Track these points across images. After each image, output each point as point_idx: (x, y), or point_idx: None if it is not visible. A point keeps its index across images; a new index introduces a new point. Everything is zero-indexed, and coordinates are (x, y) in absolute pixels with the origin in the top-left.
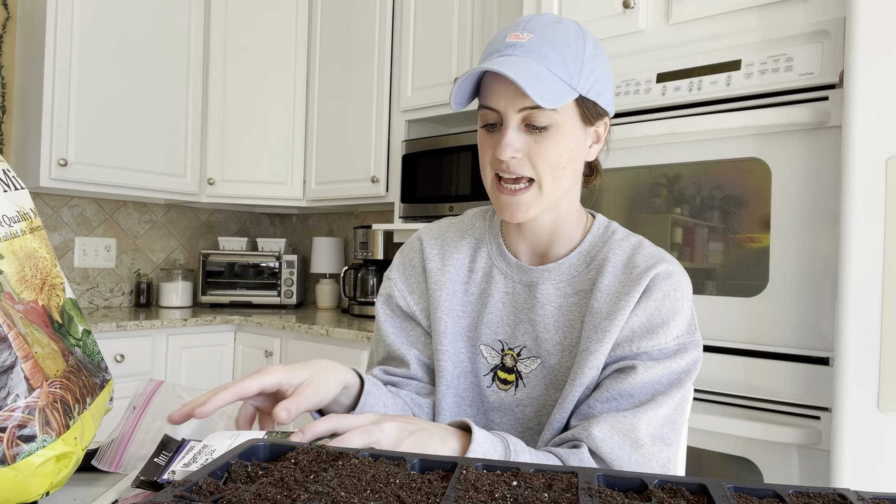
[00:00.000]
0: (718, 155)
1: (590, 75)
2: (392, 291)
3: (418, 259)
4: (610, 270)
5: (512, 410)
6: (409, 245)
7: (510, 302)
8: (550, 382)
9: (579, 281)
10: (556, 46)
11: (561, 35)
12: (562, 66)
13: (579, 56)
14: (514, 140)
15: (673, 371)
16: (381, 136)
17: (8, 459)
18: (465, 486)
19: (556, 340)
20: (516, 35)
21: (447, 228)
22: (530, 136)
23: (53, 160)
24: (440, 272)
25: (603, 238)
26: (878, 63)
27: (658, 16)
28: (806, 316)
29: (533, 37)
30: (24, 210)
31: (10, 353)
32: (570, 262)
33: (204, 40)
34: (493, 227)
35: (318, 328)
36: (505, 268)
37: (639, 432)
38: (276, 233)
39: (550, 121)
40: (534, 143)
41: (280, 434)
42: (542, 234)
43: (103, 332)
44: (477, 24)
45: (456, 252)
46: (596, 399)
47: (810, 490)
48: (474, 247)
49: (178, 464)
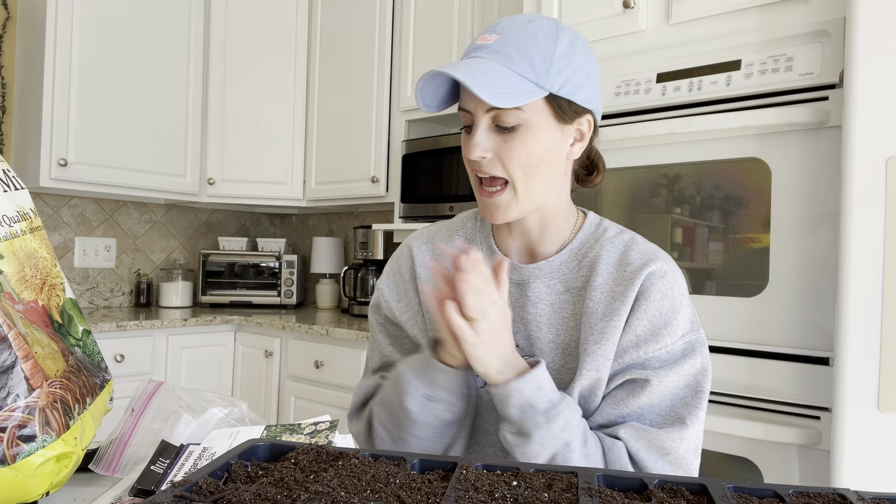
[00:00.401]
0: (718, 155)
1: (560, 73)
2: (380, 301)
3: (407, 266)
4: (603, 268)
5: None
6: (398, 252)
7: None
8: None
9: (571, 279)
10: (522, 45)
11: (529, 34)
12: (526, 65)
13: (548, 54)
14: (482, 140)
15: (689, 374)
16: (381, 136)
17: (8, 459)
18: (465, 486)
19: (549, 339)
20: (484, 38)
21: (437, 231)
22: (499, 136)
23: (53, 160)
24: (431, 276)
25: (594, 235)
26: (878, 63)
27: (658, 16)
28: (806, 316)
29: (499, 38)
30: (24, 210)
31: (10, 353)
32: (561, 259)
33: (204, 40)
34: (483, 228)
35: (318, 328)
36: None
37: (676, 451)
38: (276, 233)
39: (519, 120)
40: (503, 143)
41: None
42: (531, 233)
43: (103, 332)
44: (477, 25)
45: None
46: (617, 415)
47: (810, 490)
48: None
49: (179, 473)
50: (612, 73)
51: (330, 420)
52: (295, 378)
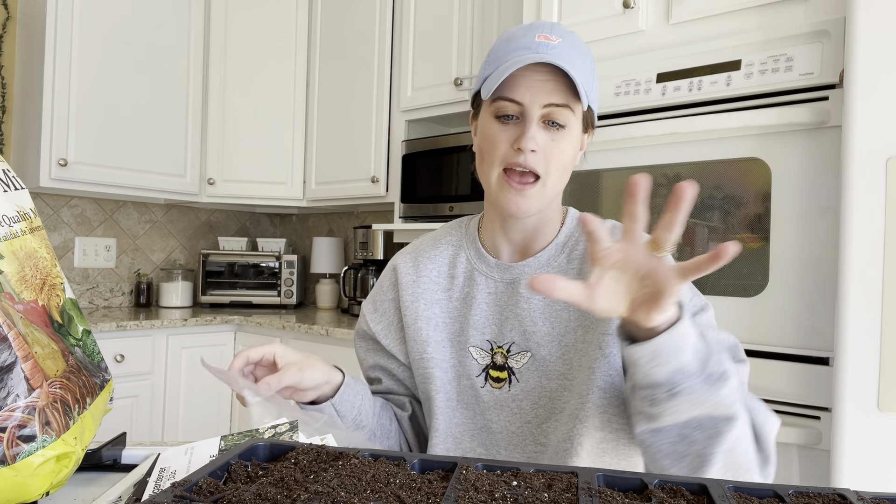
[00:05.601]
0: (718, 155)
1: (594, 87)
2: (363, 326)
3: (388, 284)
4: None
5: (508, 407)
6: (383, 273)
7: (494, 301)
8: (543, 374)
9: (561, 272)
10: (580, 55)
11: (583, 48)
12: (584, 75)
13: (592, 67)
14: (536, 134)
15: (710, 323)
16: (381, 136)
17: (8, 459)
18: (465, 486)
19: (545, 332)
20: (545, 36)
21: (421, 243)
22: (548, 132)
23: (53, 160)
24: (415, 284)
25: (578, 229)
26: (878, 63)
27: (658, 16)
28: (806, 316)
29: (562, 41)
30: (24, 210)
31: (10, 353)
32: (549, 254)
33: (204, 40)
34: (469, 234)
35: (318, 328)
36: (485, 269)
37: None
38: (276, 233)
39: (567, 121)
40: (550, 141)
41: (264, 431)
42: (528, 231)
43: (103, 332)
44: (477, 25)
45: (431, 262)
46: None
47: (810, 490)
48: (452, 254)
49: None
50: (612, 73)
51: (289, 422)
52: None
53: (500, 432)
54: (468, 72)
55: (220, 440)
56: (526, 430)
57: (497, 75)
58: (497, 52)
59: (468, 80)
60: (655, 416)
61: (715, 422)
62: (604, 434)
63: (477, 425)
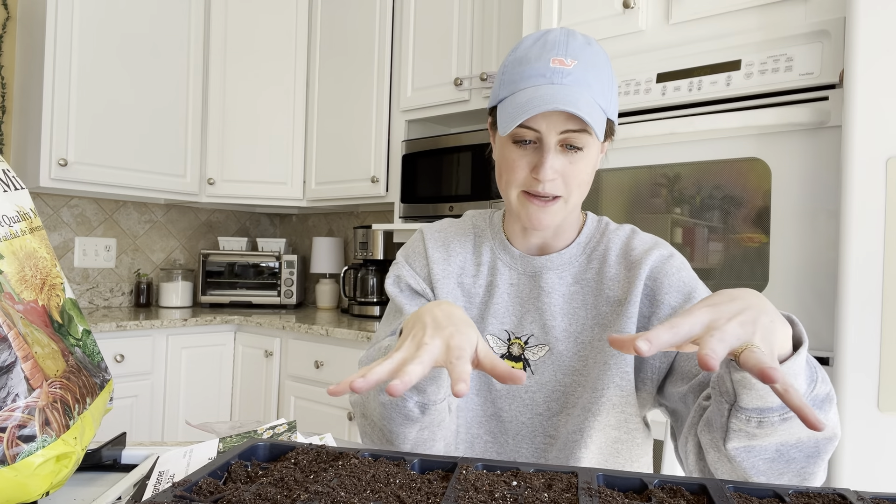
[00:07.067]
0: (718, 155)
1: (614, 98)
2: (401, 272)
3: (421, 249)
4: (613, 260)
5: (521, 398)
6: (412, 239)
7: (515, 292)
8: (559, 368)
9: (581, 271)
10: (597, 73)
11: (600, 61)
12: (601, 94)
13: (611, 81)
14: (554, 162)
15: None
16: (381, 136)
17: (8, 459)
18: (465, 486)
19: (563, 328)
20: (560, 60)
21: (448, 226)
22: (565, 156)
23: (53, 160)
24: (445, 262)
25: (598, 230)
26: (878, 63)
27: (658, 16)
28: (806, 316)
29: (577, 63)
30: (24, 210)
31: (10, 353)
32: (571, 253)
33: (204, 40)
34: (493, 226)
35: (318, 328)
36: (509, 260)
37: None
38: (276, 233)
39: (585, 143)
40: (569, 165)
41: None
42: (548, 234)
43: (103, 332)
44: (477, 25)
45: (459, 247)
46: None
47: (810, 490)
48: (477, 243)
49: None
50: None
51: (287, 422)
52: (295, 378)
53: (511, 422)
54: (468, 72)
55: (218, 442)
56: (537, 421)
57: (513, 111)
58: (512, 75)
59: (468, 79)
60: (759, 436)
61: (815, 440)
62: (618, 434)
63: (487, 413)
